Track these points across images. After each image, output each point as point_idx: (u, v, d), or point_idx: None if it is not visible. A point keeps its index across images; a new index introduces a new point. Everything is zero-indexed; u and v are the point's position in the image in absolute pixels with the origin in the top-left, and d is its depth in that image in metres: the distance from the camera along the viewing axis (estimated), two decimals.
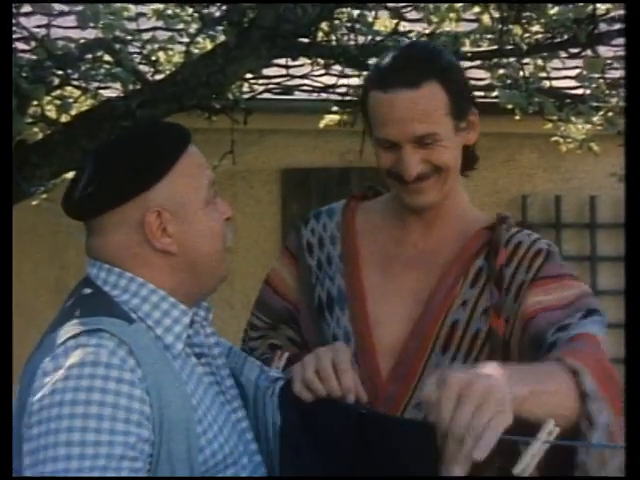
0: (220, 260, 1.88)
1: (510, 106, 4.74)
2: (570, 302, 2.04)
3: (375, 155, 2.12)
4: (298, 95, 5.98)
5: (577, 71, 5.29)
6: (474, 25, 5.03)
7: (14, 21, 3.86)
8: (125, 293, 1.81)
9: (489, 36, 4.74)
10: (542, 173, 6.96)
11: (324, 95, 5.75)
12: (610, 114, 4.90)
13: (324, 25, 4.47)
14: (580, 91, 5.33)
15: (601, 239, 6.92)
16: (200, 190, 1.84)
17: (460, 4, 4.87)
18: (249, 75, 5.05)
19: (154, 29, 5.13)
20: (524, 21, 4.60)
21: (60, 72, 4.05)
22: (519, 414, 1.63)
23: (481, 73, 5.39)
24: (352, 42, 4.51)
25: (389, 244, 2.18)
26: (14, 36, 3.99)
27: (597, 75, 4.86)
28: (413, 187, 2.07)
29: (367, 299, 2.14)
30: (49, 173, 4.13)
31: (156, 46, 4.86)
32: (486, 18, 4.89)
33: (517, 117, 5.00)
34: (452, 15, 4.92)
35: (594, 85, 4.73)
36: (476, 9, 4.93)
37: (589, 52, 4.78)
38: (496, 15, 4.85)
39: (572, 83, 5.67)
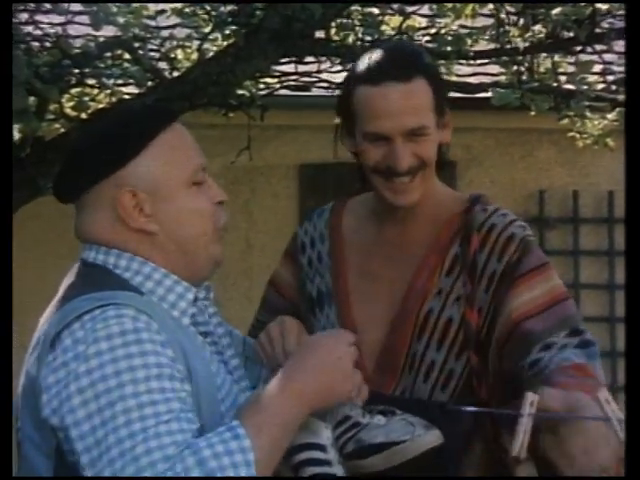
0: (210, 241, 1.86)
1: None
2: (550, 303, 2.06)
3: (358, 152, 2.11)
4: (315, 91, 6.01)
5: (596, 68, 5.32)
6: (478, 24, 5.07)
7: (30, 20, 3.91)
8: (127, 271, 1.81)
9: (487, 37, 4.77)
10: (560, 168, 6.96)
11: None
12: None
13: (332, 24, 4.50)
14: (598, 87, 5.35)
15: (619, 234, 6.92)
16: (181, 171, 1.82)
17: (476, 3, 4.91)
18: (264, 72, 5.08)
19: (173, 27, 5.17)
20: (526, 21, 4.61)
21: (77, 71, 4.10)
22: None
23: (496, 69, 5.42)
24: (359, 42, 4.54)
25: (368, 242, 2.20)
26: (29, 37, 4.05)
27: (597, 71, 4.87)
28: (399, 185, 2.08)
29: (350, 298, 2.17)
30: None
31: (174, 43, 4.90)
32: (502, 14, 4.93)
33: (532, 113, 5.03)
34: (468, 12, 4.95)
35: (584, 86, 4.73)
36: (491, 5, 4.96)
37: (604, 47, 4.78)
38: (512, 10, 4.88)
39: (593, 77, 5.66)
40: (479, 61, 5.32)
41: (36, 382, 1.72)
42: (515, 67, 4.93)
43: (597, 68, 5.26)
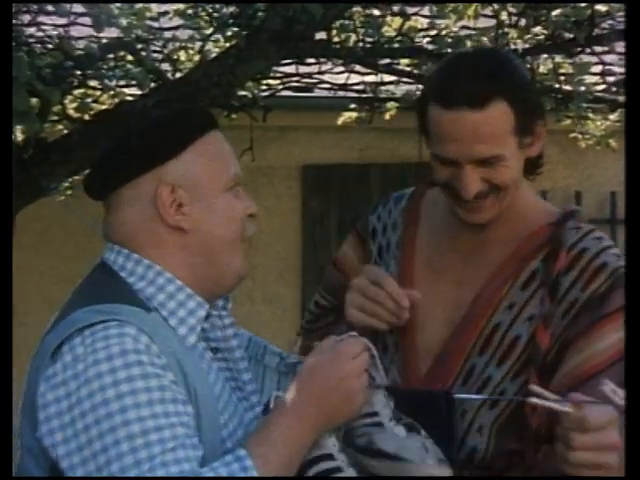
0: (235, 250, 1.83)
1: None
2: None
3: (430, 166, 1.99)
4: (317, 92, 6.03)
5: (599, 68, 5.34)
6: (480, 25, 5.08)
7: (32, 21, 3.93)
8: (141, 281, 1.77)
9: (485, 39, 4.78)
10: (562, 169, 6.97)
11: (342, 93, 5.80)
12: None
13: (333, 25, 4.52)
14: (600, 88, 5.37)
15: (621, 235, 6.92)
16: (221, 174, 1.81)
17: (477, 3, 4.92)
18: (265, 74, 5.11)
19: (175, 28, 5.18)
20: (527, 22, 4.63)
21: (79, 72, 4.12)
22: None
23: None
24: (360, 43, 4.56)
25: (441, 237, 2.09)
26: (32, 39, 4.07)
27: (597, 73, 4.88)
28: (470, 205, 1.96)
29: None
30: (68, 171, 4.20)
31: (177, 45, 4.92)
32: (504, 15, 4.94)
33: None
34: (470, 12, 4.96)
35: (582, 88, 4.75)
36: (494, 6, 4.98)
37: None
38: (513, 11, 4.90)
39: (594, 79, 5.68)
40: None
41: (35, 395, 1.69)
42: None
43: (598, 69, 5.28)
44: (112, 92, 4.70)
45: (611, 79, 5.32)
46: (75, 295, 1.81)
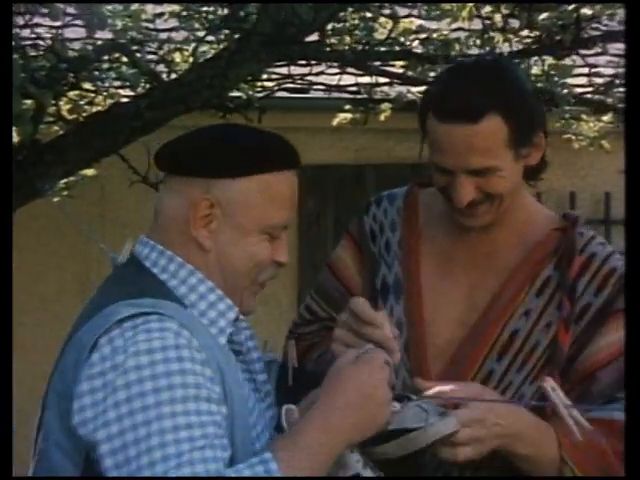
0: (247, 287, 1.82)
1: None
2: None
3: (431, 171, 2.04)
4: (312, 94, 6.04)
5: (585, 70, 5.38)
6: (475, 27, 5.11)
7: (26, 23, 3.94)
8: (173, 279, 1.77)
9: (471, 43, 4.80)
10: (557, 170, 6.99)
11: (338, 94, 5.81)
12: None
13: (327, 28, 4.54)
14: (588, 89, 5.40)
15: (616, 235, 6.95)
16: (263, 216, 1.80)
17: (472, 4, 4.94)
18: (257, 76, 5.13)
19: (170, 30, 5.20)
20: (521, 24, 4.66)
21: (72, 75, 4.14)
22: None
23: None
24: (353, 45, 4.58)
25: (448, 241, 2.11)
26: (26, 41, 4.08)
27: (584, 74, 4.90)
28: (465, 210, 2.00)
29: (423, 293, 2.08)
30: (63, 171, 4.22)
31: (172, 46, 4.93)
32: (498, 17, 4.96)
33: None
34: (464, 14, 4.98)
35: (565, 90, 4.77)
36: (487, 8, 4.99)
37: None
38: (506, 11, 4.91)
39: (582, 81, 5.71)
40: None
41: (69, 388, 1.68)
42: None
43: (584, 72, 5.32)
44: (106, 93, 4.71)
45: (599, 81, 5.34)
46: (106, 289, 1.80)
